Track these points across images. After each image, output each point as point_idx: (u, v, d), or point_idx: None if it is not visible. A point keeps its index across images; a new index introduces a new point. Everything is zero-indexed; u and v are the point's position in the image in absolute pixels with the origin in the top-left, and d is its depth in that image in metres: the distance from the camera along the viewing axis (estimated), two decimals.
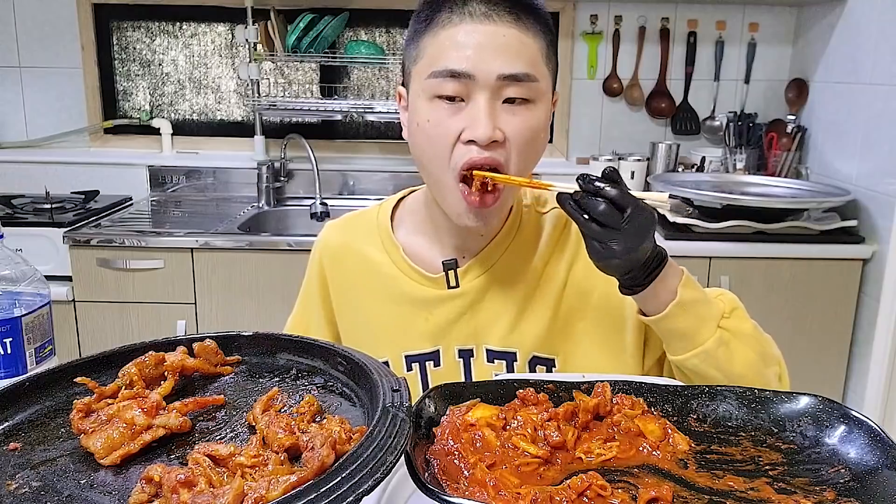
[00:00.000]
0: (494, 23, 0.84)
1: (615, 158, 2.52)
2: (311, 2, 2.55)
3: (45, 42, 2.62)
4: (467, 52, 0.83)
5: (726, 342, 0.86)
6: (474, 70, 0.83)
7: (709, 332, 0.85)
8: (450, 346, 0.99)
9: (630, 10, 2.59)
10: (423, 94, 0.87)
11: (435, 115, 0.85)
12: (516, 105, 0.85)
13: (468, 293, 0.97)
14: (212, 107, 2.72)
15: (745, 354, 0.87)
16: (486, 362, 0.98)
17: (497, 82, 0.83)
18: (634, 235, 0.77)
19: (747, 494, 0.58)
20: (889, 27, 2.07)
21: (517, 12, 0.85)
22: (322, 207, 2.45)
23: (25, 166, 2.60)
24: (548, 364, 0.98)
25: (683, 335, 0.86)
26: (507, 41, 0.84)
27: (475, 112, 0.83)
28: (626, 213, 0.76)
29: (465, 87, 0.84)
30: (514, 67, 0.83)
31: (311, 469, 0.50)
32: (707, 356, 0.85)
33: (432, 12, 0.87)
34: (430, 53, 0.86)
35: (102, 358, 0.72)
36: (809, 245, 2.07)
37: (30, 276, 0.89)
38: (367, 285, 1.02)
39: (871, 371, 2.05)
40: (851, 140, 2.24)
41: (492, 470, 0.60)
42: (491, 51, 0.83)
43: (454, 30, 0.84)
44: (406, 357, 0.99)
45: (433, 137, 0.86)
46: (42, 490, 0.54)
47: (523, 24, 0.85)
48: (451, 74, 0.83)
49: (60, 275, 2.12)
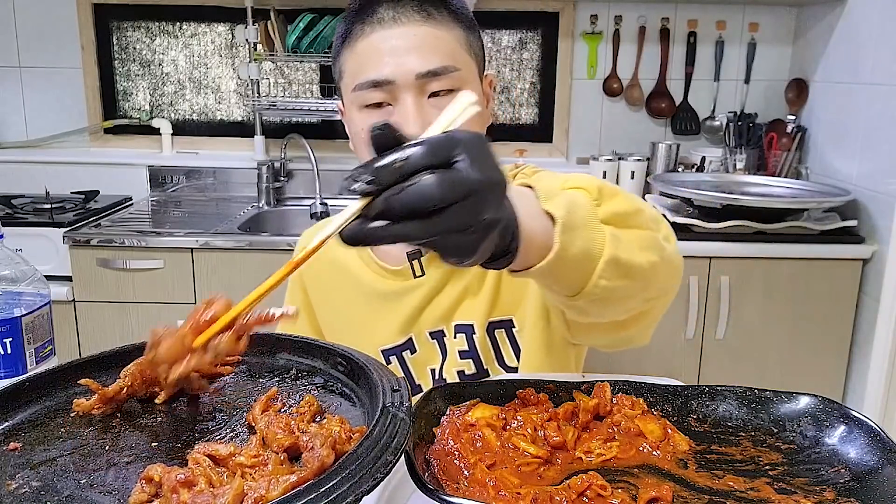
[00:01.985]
0: (403, 25, 0.86)
1: (615, 158, 2.52)
2: (311, 2, 2.55)
3: (45, 42, 2.62)
4: (383, 59, 0.86)
5: (617, 236, 0.67)
6: (393, 75, 0.85)
7: (599, 237, 0.65)
8: (420, 331, 1.01)
9: (630, 10, 2.59)
10: (353, 106, 0.90)
11: (367, 124, 0.88)
12: (442, 97, 0.87)
13: (434, 278, 0.99)
14: (212, 107, 2.72)
15: (638, 235, 0.70)
16: (453, 338, 1.00)
17: (418, 81, 0.86)
18: (487, 197, 0.47)
19: (747, 494, 0.58)
20: (889, 27, 2.07)
21: (425, 9, 0.87)
22: (322, 207, 2.45)
23: (25, 166, 2.60)
24: (505, 326, 0.99)
25: (576, 261, 0.64)
26: (420, 39, 0.86)
27: (403, 114, 0.86)
28: (446, 208, 0.46)
29: (388, 93, 0.87)
30: (430, 64, 0.86)
31: (311, 469, 0.50)
32: (609, 266, 0.65)
33: (348, 26, 0.90)
34: (351, 67, 0.89)
35: (102, 358, 0.72)
36: (809, 245, 2.07)
37: (30, 276, 0.89)
38: (339, 285, 1.05)
39: (871, 371, 2.05)
40: (851, 140, 2.24)
41: (492, 470, 0.60)
42: (404, 53, 0.85)
43: (367, 40, 0.87)
44: (382, 352, 1.02)
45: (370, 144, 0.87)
46: (42, 490, 0.54)
47: (434, 20, 0.87)
48: (373, 84, 0.86)
49: (60, 275, 2.12)
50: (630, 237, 0.69)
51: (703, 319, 2.11)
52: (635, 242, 0.69)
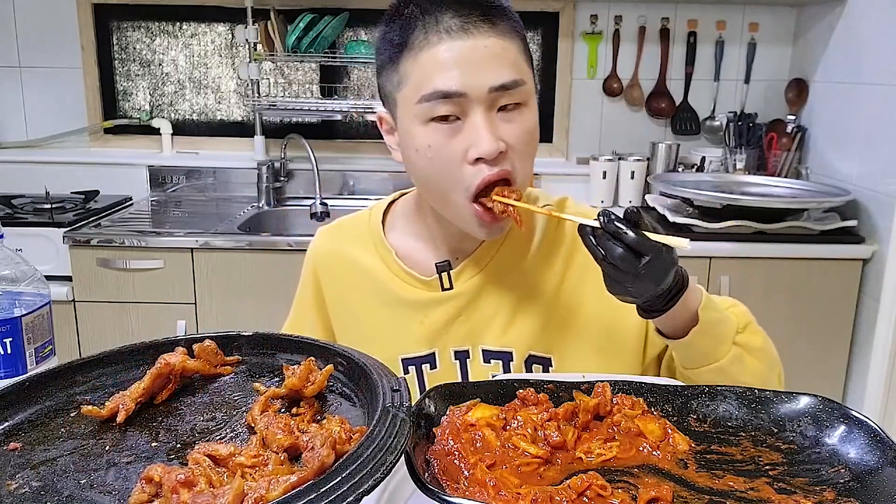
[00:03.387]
0: (473, 35, 0.83)
1: (615, 158, 2.52)
2: (311, 2, 2.55)
3: (45, 42, 2.62)
4: (453, 71, 0.82)
5: (740, 358, 0.87)
6: (465, 88, 0.82)
7: (725, 350, 0.86)
8: (445, 347, 0.98)
9: (630, 10, 2.59)
10: (415, 119, 0.85)
11: (434, 140, 0.84)
12: (510, 111, 0.85)
13: (463, 294, 0.97)
14: (212, 107, 2.72)
15: (755, 367, 0.88)
16: (483, 363, 0.98)
17: (489, 95, 0.83)
18: (650, 281, 0.76)
19: (747, 494, 0.58)
20: (889, 27, 2.07)
21: (491, 18, 0.84)
22: (322, 207, 2.45)
23: (25, 166, 2.60)
24: (544, 363, 0.97)
25: (700, 353, 0.87)
26: (490, 51, 0.83)
27: (475, 129, 0.83)
28: (643, 259, 0.74)
29: (458, 105, 0.83)
30: (502, 77, 0.83)
31: (311, 469, 0.50)
32: (720, 371, 0.86)
33: (405, 34, 0.85)
34: (415, 78, 0.84)
35: (102, 358, 0.72)
36: (809, 245, 2.07)
37: (30, 276, 0.89)
38: (361, 290, 1.02)
39: (871, 371, 2.05)
40: (851, 140, 2.24)
41: (492, 470, 0.60)
42: (476, 65, 0.82)
43: (434, 50, 0.83)
44: (402, 360, 0.99)
45: (437, 161, 0.85)
46: (42, 490, 0.54)
47: (499, 30, 0.84)
48: (443, 96, 0.82)
49: (60, 275, 2.11)
50: (751, 365, 0.88)
51: None
52: (748, 369, 0.88)
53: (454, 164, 0.84)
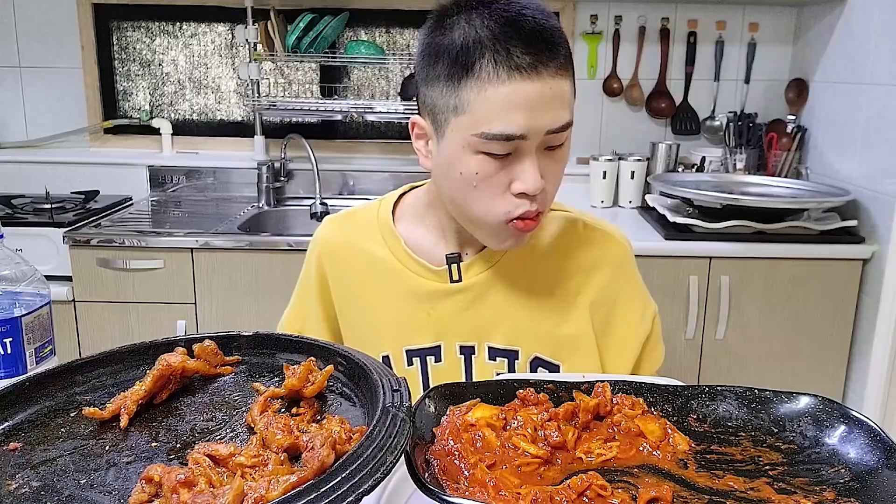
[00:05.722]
0: (542, 77, 0.81)
1: (615, 158, 2.52)
2: (311, 2, 2.55)
3: (45, 42, 2.62)
4: (520, 114, 0.81)
5: None
6: (526, 130, 0.82)
7: None
8: (451, 341, 0.98)
9: (630, 10, 2.59)
10: (467, 146, 0.85)
11: (483, 169, 0.85)
12: (554, 149, 0.87)
13: (471, 288, 0.97)
14: (212, 107, 2.72)
15: None
16: (488, 360, 0.98)
17: (545, 137, 0.84)
18: None
19: (747, 494, 0.58)
20: (889, 27, 2.07)
21: (557, 55, 0.83)
22: (322, 207, 2.45)
23: (25, 166, 2.60)
24: (552, 369, 0.98)
25: None
26: (553, 94, 0.83)
27: (525, 167, 0.84)
28: None
29: (514, 144, 0.83)
30: (559, 121, 0.84)
31: (311, 469, 0.50)
32: None
33: (469, 59, 0.82)
34: (478, 111, 0.82)
35: (102, 358, 0.72)
36: (809, 245, 2.07)
37: (30, 276, 0.89)
38: (368, 281, 1.02)
39: (871, 371, 2.05)
40: (851, 140, 2.24)
41: (492, 470, 0.60)
42: (540, 108, 0.82)
43: (503, 89, 0.81)
44: (407, 352, 0.99)
45: (481, 189, 0.86)
46: (42, 490, 0.54)
47: (563, 67, 0.84)
48: (506, 139, 0.82)
49: (60, 275, 2.11)
50: None
51: (703, 319, 2.11)
52: None
53: (497, 192, 0.86)
